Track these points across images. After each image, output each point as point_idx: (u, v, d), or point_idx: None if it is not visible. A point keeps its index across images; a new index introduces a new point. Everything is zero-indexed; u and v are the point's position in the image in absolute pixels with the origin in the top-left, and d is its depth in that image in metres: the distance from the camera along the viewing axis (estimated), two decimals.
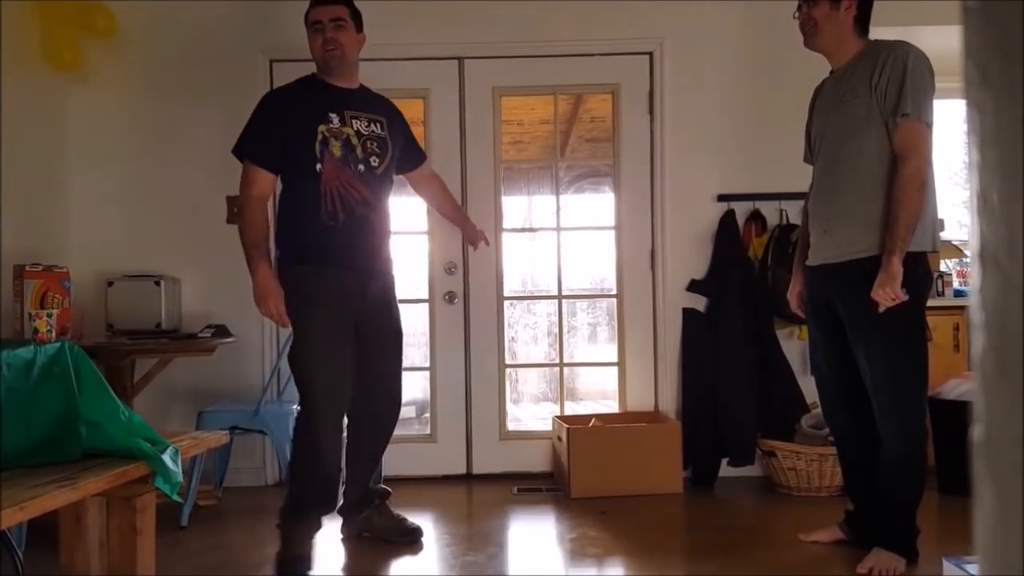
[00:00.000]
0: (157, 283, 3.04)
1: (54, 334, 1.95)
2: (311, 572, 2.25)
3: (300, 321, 2.29)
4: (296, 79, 2.45)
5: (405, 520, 2.58)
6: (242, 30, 3.35)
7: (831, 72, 2.33)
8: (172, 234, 3.33)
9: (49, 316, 1.96)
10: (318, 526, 2.36)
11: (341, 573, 2.35)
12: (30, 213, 3.06)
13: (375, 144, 2.40)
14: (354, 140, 2.35)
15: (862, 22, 2.24)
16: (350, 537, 2.58)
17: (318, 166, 2.28)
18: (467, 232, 2.80)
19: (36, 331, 1.93)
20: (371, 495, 2.57)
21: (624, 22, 3.43)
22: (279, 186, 2.44)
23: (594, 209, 4.91)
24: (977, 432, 0.30)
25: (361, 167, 2.35)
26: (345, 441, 2.48)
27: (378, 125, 2.43)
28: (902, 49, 2.12)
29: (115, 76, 3.35)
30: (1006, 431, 0.28)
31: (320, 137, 2.29)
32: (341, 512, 2.56)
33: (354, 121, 2.37)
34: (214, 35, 3.37)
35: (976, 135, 0.30)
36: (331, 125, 2.32)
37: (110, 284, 3.03)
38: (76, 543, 1.82)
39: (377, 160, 2.39)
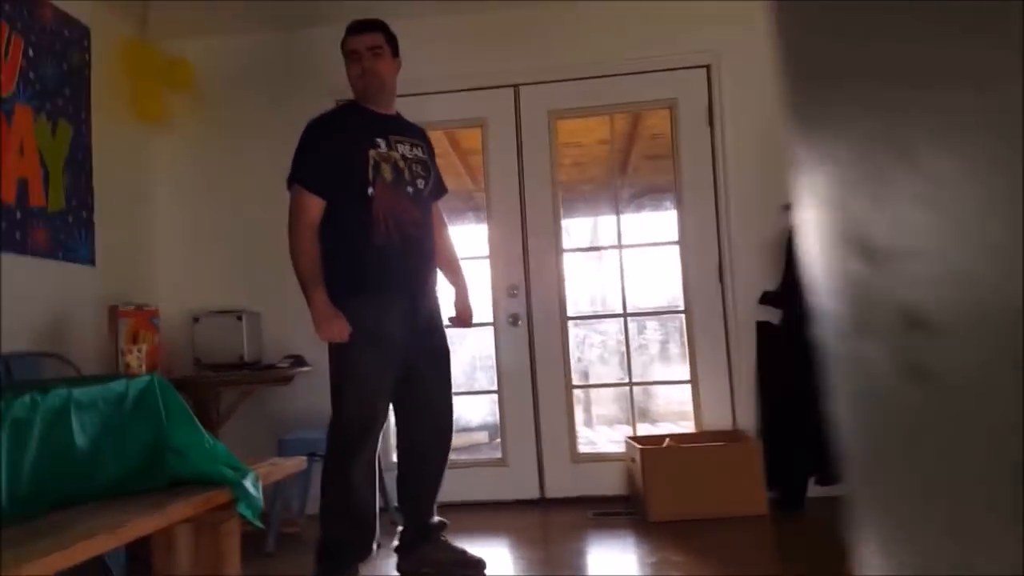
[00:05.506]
0: (239, 318, 3.19)
1: (144, 368, 2.08)
2: None
3: (349, 355, 2.24)
4: (336, 107, 2.45)
5: (466, 552, 2.43)
6: (310, 72, 3.52)
7: None
8: (251, 269, 3.50)
9: (140, 352, 2.09)
10: (355, 570, 2.29)
11: None
12: (122, 256, 3.29)
13: (419, 167, 2.41)
14: (401, 163, 2.35)
15: None
16: (408, 574, 2.44)
17: (370, 190, 2.27)
18: (458, 299, 2.58)
19: (128, 366, 2.06)
20: (427, 529, 2.44)
21: (679, 37, 3.42)
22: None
23: (657, 225, 4.85)
24: None
25: (410, 189, 2.35)
26: (397, 475, 2.46)
27: (419, 149, 2.45)
28: None
29: (195, 123, 3.58)
30: None
31: (372, 161, 2.29)
32: (398, 550, 2.45)
33: (399, 145, 2.37)
34: (284, 79, 3.56)
35: None
36: (380, 149, 2.32)
37: (196, 320, 3.20)
38: (168, 569, 1.91)
39: (423, 182, 2.40)
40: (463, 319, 2.57)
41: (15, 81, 2.73)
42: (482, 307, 3.55)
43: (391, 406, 2.44)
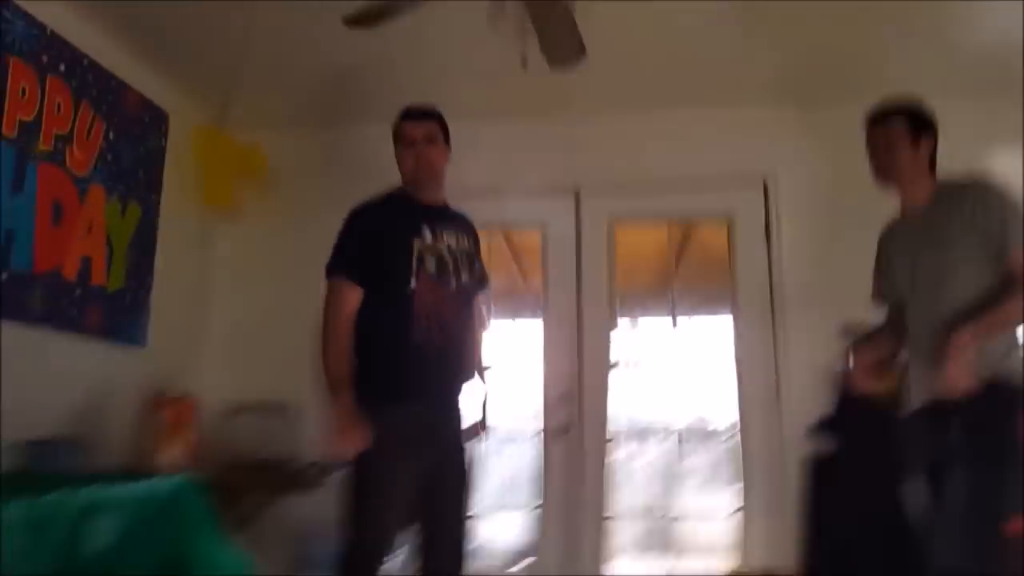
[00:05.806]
0: (277, 412, 3.10)
1: (179, 465, 2.00)
2: None
3: (372, 470, 2.07)
4: (382, 193, 2.33)
5: None
6: (381, 167, 3.53)
7: (902, 213, 2.26)
8: (299, 364, 3.41)
9: (177, 450, 2.02)
10: None
11: None
12: (172, 340, 3.26)
13: (465, 259, 2.29)
14: (446, 256, 2.24)
15: (934, 158, 2.19)
16: None
17: (412, 283, 2.15)
18: (478, 406, 2.46)
19: (163, 465, 1.98)
20: None
21: (739, 151, 3.41)
22: None
23: (711, 339, 4.68)
24: None
25: (454, 284, 2.22)
26: None
27: (465, 241, 2.33)
28: (986, 184, 2.06)
29: (261, 213, 3.58)
30: None
31: (416, 252, 2.18)
32: None
33: (444, 236, 2.26)
34: (353, 173, 3.56)
35: None
36: (425, 241, 2.21)
37: (234, 413, 3.12)
38: None
39: (467, 276, 2.28)
40: (477, 428, 2.41)
41: (93, 161, 2.83)
42: (528, 414, 3.41)
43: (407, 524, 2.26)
